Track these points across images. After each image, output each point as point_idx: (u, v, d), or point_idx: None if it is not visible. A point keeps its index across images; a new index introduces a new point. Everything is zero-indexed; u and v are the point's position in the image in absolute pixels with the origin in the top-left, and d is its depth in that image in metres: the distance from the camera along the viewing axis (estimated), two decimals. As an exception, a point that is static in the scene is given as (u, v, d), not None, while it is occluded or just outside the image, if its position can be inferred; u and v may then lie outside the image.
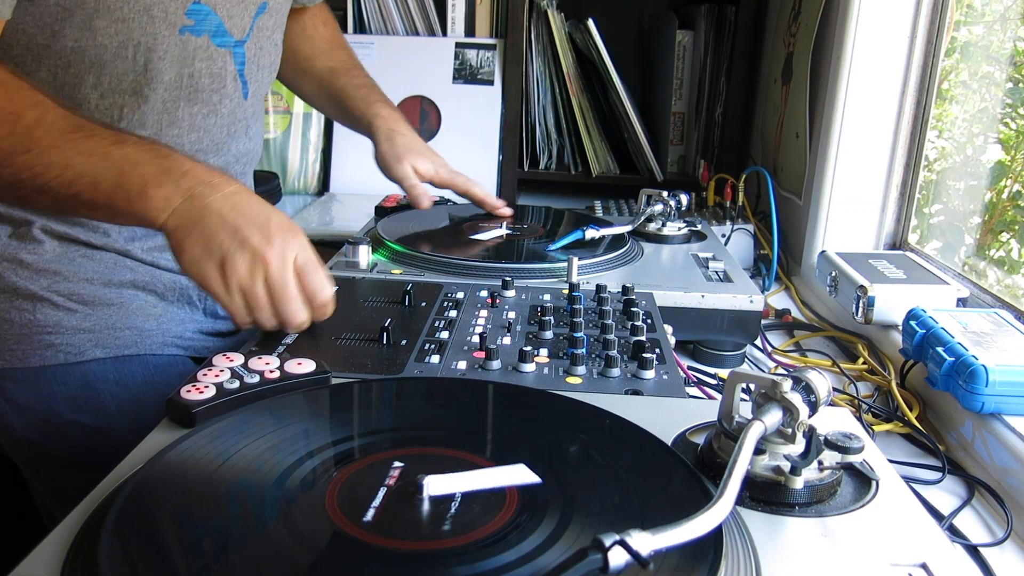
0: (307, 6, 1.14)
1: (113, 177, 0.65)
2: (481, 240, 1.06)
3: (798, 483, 0.49)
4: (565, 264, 0.93)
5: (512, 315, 0.79)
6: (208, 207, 0.66)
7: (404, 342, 0.72)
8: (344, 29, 1.64)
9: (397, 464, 0.50)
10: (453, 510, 0.45)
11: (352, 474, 0.48)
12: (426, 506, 0.45)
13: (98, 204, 0.66)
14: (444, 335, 0.74)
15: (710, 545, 0.42)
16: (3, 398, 0.82)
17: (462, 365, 0.68)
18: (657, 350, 0.71)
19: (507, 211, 1.15)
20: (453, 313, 0.79)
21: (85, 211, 0.69)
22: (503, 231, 1.09)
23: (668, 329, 0.79)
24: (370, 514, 0.44)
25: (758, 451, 0.50)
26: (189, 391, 0.57)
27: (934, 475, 0.71)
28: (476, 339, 0.72)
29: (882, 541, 0.46)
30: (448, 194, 1.37)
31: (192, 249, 0.66)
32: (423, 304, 0.81)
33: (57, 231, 0.81)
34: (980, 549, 0.61)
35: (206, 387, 0.58)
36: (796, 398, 0.48)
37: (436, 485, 0.46)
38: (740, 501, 0.48)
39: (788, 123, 1.37)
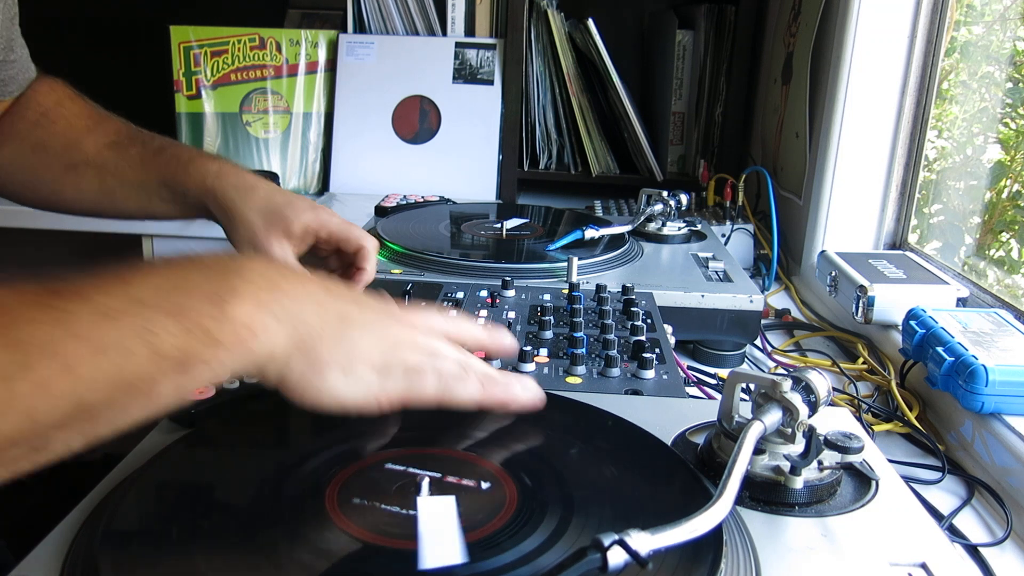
0: (32, 85, 0.81)
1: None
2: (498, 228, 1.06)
3: (798, 483, 0.49)
4: (565, 264, 0.93)
5: (512, 315, 0.79)
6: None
7: (404, 342, 0.71)
8: (344, 29, 1.64)
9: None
10: (453, 510, 0.45)
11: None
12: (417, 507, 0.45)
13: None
14: (444, 335, 0.74)
15: (710, 545, 0.42)
16: None
17: (462, 365, 0.68)
18: (657, 350, 0.71)
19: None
20: (453, 313, 0.79)
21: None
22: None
23: (668, 329, 0.79)
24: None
25: (758, 451, 0.50)
26: (189, 391, 0.57)
27: (934, 475, 0.71)
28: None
29: (882, 541, 0.46)
30: (448, 194, 1.37)
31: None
32: (423, 304, 0.81)
33: None
34: (980, 549, 0.61)
35: (206, 387, 0.58)
36: (796, 398, 0.48)
37: (428, 508, 0.46)
38: (740, 501, 0.48)
39: (788, 123, 1.37)
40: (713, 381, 0.85)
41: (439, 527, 0.43)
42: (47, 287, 0.41)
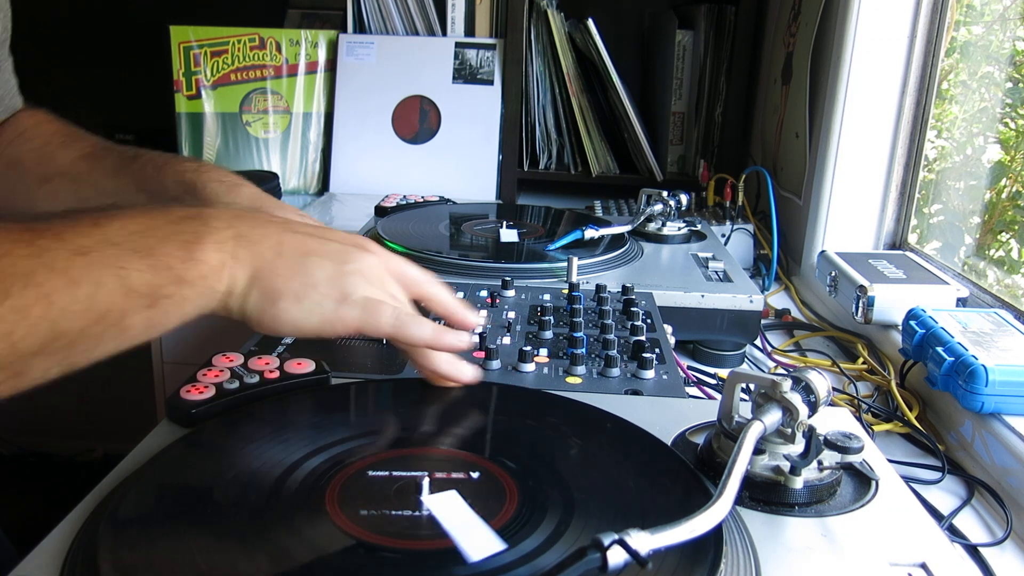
0: (15, 114, 0.83)
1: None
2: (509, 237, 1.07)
3: (798, 483, 0.49)
4: (565, 264, 0.93)
5: (512, 315, 0.79)
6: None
7: (404, 342, 0.71)
8: (344, 29, 1.64)
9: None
10: (453, 510, 0.45)
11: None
12: (426, 506, 0.45)
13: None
14: (444, 335, 0.74)
15: (710, 545, 0.42)
16: None
17: (462, 365, 0.68)
18: (657, 350, 0.71)
19: None
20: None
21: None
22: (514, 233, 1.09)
23: (668, 329, 0.79)
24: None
25: (758, 451, 0.50)
26: (189, 391, 0.57)
27: (934, 475, 0.71)
28: (476, 339, 0.72)
29: (882, 541, 0.46)
30: (448, 194, 1.37)
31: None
32: (423, 304, 0.81)
33: None
34: (980, 549, 0.61)
35: (206, 387, 0.58)
36: (796, 398, 0.48)
37: (434, 503, 0.46)
38: (740, 501, 0.48)
39: (788, 123, 1.37)
40: (713, 381, 0.85)
41: (462, 521, 0.44)
42: (25, 225, 0.45)
